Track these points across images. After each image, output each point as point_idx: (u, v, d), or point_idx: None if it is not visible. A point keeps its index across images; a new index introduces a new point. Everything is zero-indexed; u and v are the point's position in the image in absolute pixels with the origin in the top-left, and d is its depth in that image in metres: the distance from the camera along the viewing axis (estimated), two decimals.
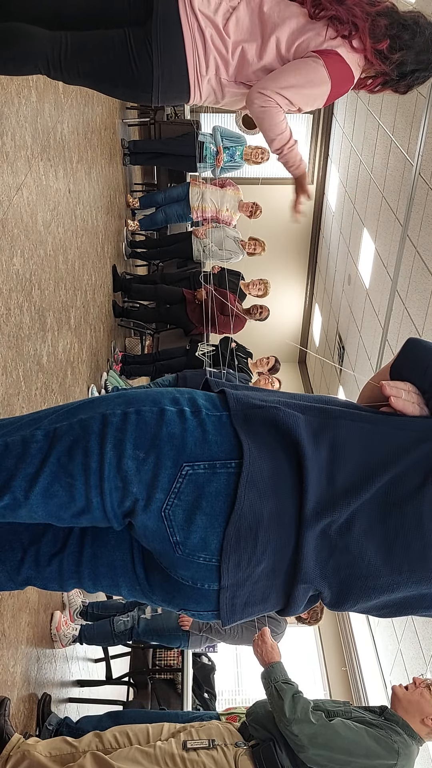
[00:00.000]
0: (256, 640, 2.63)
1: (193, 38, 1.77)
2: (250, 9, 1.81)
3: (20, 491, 1.09)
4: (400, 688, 2.38)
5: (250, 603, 1.11)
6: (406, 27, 1.82)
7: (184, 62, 1.79)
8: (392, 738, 2.17)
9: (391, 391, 1.16)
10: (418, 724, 2.27)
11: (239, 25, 1.80)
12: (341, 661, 7.27)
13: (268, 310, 5.90)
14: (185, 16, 1.75)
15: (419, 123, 5.33)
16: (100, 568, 1.25)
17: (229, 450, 1.08)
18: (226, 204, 6.47)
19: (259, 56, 1.82)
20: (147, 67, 1.77)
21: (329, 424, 1.12)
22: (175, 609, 1.19)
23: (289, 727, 2.17)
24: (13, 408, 2.48)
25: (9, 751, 2.28)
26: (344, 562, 1.07)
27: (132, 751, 2.28)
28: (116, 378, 5.07)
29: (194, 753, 2.24)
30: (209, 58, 1.80)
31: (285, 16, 1.80)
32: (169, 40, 1.76)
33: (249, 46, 1.80)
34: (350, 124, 7.82)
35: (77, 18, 1.87)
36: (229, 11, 1.80)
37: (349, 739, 2.13)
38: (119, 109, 6.35)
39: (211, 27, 1.77)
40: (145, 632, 3.61)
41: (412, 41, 1.82)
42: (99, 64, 1.80)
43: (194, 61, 1.79)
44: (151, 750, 2.26)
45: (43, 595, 2.88)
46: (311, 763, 2.16)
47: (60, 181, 3.44)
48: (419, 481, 1.06)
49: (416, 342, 1.21)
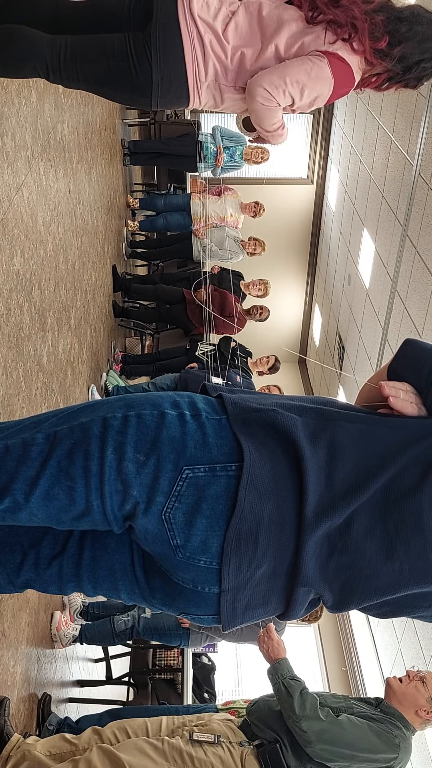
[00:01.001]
0: (261, 637, 2.66)
1: (192, 44, 1.77)
2: (249, 14, 1.80)
3: (20, 494, 1.09)
4: (395, 680, 2.46)
5: (250, 606, 1.11)
6: (402, 19, 1.78)
7: (184, 68, 1.79)
8: (393, 732, 2.25)
9: (390, 391, 1.16)
10: (412, 715, 2.36)
11: (238, 31, 1.79)
12: (341, 660, 7.27)
13: (268, 310, 5.90)
14: (185, 23, 1.75)
15: (419, 123, 5.33)
16: (99, 571, 1.25)
17: (229, 453, 1.08)
18: (228, 209, 6.48)
19: (258, 61, 1.81)
20: (146, 72, 1.77)
21: (327, 426, 1.12)
22: (175, 613, 1.19)
23: (298, 724, 2.23)
24: (13, 408, 2.48)
25: (9, 751, 2.28)
26: (345, 563, 1.07)
27: (139, 741, 2.29)
28: (116, 378, 5.07)
29: (201, 751, 2.26)
30: (208, 64, 1.80)
31: (283, 20, 1.79)
32: (169, 46, 1.76)
33: (248, 51, 1.80)
34: (350, 124, 7.82)
35: (77, 21, 1.87)
36: (228, 16, 1.79)
37: (353, 734, 2.21)
38: (119, 109, 6.34)
39: (210, 33, 1.77)
40: (145, 631, 3.61)
41: (410, 32, 1.78)
42: (98, 69, 1.80)
43: (193, 66, 1.79)
44: (159, 744, 2.27)
45: (43, 596, 2.88)
46: (317, 758, 2.23)
47: (60, 181, 3.45)
48: (418, 478, 1.07)
49: (413, 342, 1.21)
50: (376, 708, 2.39)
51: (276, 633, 2.66)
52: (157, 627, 3.62)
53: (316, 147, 9.33)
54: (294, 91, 1.78)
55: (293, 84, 1.77)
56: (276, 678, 2.41)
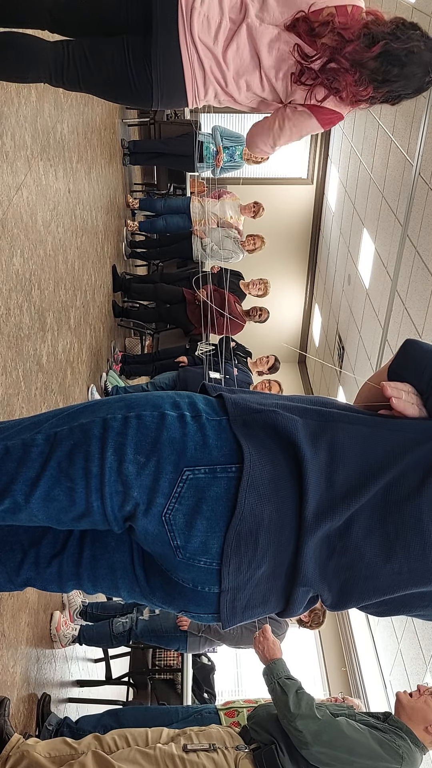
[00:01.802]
0: (257, 637, 2.64)
1: (192, 70, 1.80)
2: (250, 36, 1.79)
3: (21, 495, 1.09)
4: (405, 695, 2.36)
5: (250, 606, 1.11)
6: (396, 62, 1.73)
7: (183, 89, 1.84)
8: (396, 742, 2.15)
9: (392, 392, 1.16)
10: (421, 732, 2.24)
11: (239, 53, 1.79)
12: (341, 661, 7.27)
13: (268, 312, 5.90)
14: (185, 48, 1.76)
15: (419, 123, 5.33)
16: (99, 570, 1.25)
17: (229, 454, 1.08)
18: (228, 211, 6.48)
19: (256, 87, 1.86)
20: (146, 89, 1.83)
21: (327, 428, 1.12)
22: (175, 611, 1.19)
23: (293, 723, 2.15)
24: (12, 408, 2.47)
25: (8, 751, 2.28)
26: (344, 564, 1.07)
27: (132, 752, 2.28)
28: (116, 378, 5.07)
29: (194, 754, 2.24)
30: (208, 87, 1.85)
31: (281, 58, 1.80)
32: (169, 70, 1.79)
33: (249, 77, 1.83)
34: (350, 124, 7.82)
35: (76, 20, 1.87)
36: (230, 31, 1.78)
37: (353, 738, 2.11)
38: (119, 109, 6.34)
39: (210, 58, 1.79)
40: (144, 633, 3.61)
41: (401, 72, 1.75)
42: (99, 78, 1.84)
43: (193, 89, 1.84)
44: (151, 751, 2.26)
45: (42, 596, 2.88)
46: (314, 761, 2.14)
47: (60, 181, 3.44)
48: (418, 481, 1.06)
49: (414, 343, 1.21)
50: (383, 722, 2.28)
51: (272, 633, 2.64)
52: (155, 630, 3.62)
53: (316, 147, 9.33)
54: (286, 142, 1.98)
55: (286, 139, 1.96)
56: (271, 678, 2.36)
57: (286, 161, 9.41)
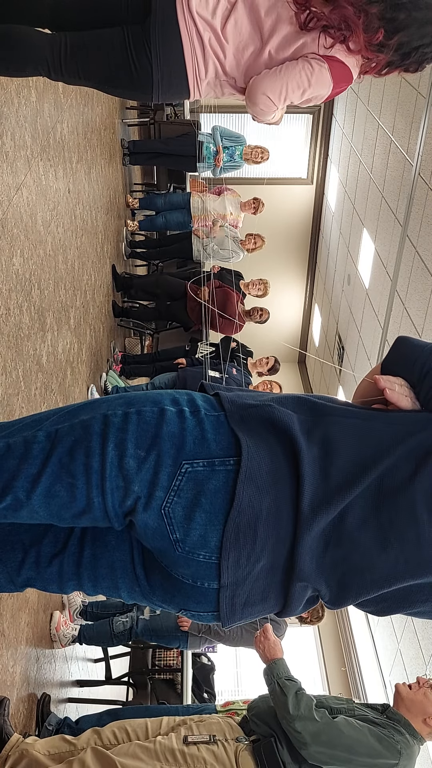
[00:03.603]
0: (258, 637, 2.64)
1: (191, 44, 1.77)
2: (248, 9, 1.77)
3: (22, 492, 1.10)
4: (404, 686, 2.38)
5: (249, 602, 1.12)
6: (400, 7, 1.71)
7: (183, 67, 1.79)
8: (395, 738, 2.17)
9: (386, 383, 1.20)
10: (420, 724, 2.27)
11: (237, 28, 1.77)
12: (341, 661, 7.27)
13: (268, 312, 5.89)
14: (183, 21, 1.74)
15: (419, 123, 5.33)
16: (99, 569, 1.26)
17: (227, 448, 1.09)
18: (229, 208, 6.48)
19: (256, 62, 1.81)
20: (146, 71, 1.79)
21: (321, 421, 1.14)
22: (174, 610, 1.20)
23: (292, 724, 2.16)
24: (12, 408, 2.48)
25: (8, 751, 2.28)
26: (339, 556, 1.08)
27: (132, 746, 2.28)
28: (116, 378, 5.07)
29: (194, 747, 2.24)
30: (208, 63, 1.80)
31: (279, 19, 1.77)
32: (168, 45, 1.76)
33: (247, 53, 1.80)
34: (350, 124, 7.82)
35: (76, 14, 1.87)
36: (227, 9, 1.77)
37: (351, 737, 2.12)
38: (119, 109, 6.35)
39: (209, 31, 1.76)
40: (144, 632, 3.61)
41: (409, 18, 1.71)
42: (98, 67, 1.81)
43: (193, 65, 1.80)
44: (151, 745, 2.26)
45: (42, 596, 2.88)
46: (313, 760, 2.16)
47: (60, 181, 3.44)
48: (411, 471, 1.08)
49: (405, 339, 1.25)
50: (381, 714, 2.30)
51: (273, 633, 2.65)
52: (156, 629, 3.62)
53: (315, 147, 9.33)
54: (294, 95, 1.80)
55: (294, 89, 1.78)
56: (271, 678, 2.37)
57: (285, 161, 9.41)
